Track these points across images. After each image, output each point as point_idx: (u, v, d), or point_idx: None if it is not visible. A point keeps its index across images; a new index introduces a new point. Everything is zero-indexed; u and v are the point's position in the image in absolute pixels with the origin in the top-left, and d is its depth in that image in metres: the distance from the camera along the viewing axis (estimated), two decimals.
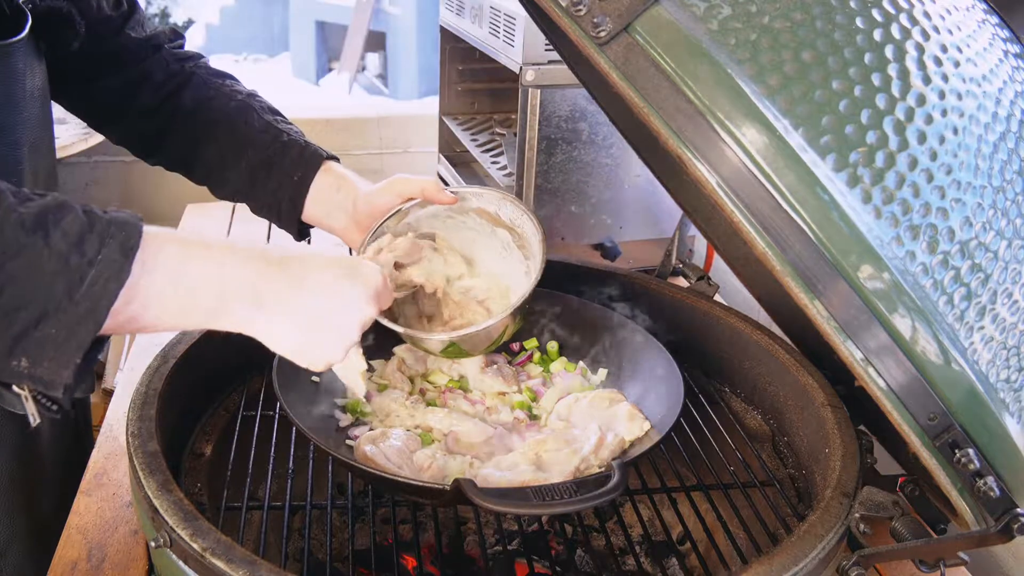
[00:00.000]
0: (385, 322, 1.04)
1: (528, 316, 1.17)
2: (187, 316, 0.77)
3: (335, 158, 1.17)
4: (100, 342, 0.72)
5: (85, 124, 1.22)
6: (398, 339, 1.29)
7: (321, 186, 1.14)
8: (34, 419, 0.72)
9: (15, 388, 0.71)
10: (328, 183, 1.14)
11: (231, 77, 1.20)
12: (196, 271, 0.76)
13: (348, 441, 1.10)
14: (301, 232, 1.19)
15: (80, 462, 1.16)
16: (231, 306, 0.78)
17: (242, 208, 1.21)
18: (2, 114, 0.93)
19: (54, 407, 0.72)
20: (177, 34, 1.21)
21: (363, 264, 0.89)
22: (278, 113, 1.18)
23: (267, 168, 1.14)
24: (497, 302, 1.15)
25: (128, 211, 0.74)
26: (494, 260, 1.17)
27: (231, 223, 2.09)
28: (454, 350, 1.08)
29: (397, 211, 1.13)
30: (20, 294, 0.67)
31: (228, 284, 0.78)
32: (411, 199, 1.12)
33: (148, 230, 0.73)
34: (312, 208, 1.15)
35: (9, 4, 0.94)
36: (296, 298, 0.81)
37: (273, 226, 1.20)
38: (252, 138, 1.14)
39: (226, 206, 2.13)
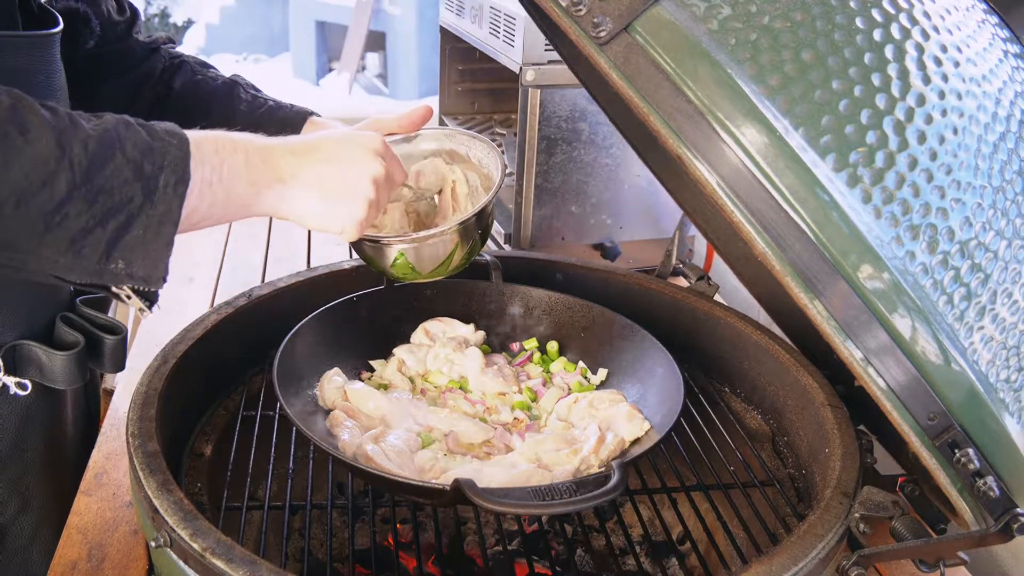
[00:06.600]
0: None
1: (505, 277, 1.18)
2: (232, 205, 0.85)
3: (318, 115, 1.24)
4: None
5: None
6: (398, 341, 1.29)
7: None
8: (143, 313, 0.82)
9: (114, 289, 0.79)
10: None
11: (213, 67, 1.31)
12: (229, 162, 0.84)
13: (343, 437, 1.09)
14: None
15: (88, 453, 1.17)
16: (262, 191, 0.87)
17: None
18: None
19: (148, 302, 0.82)
20: (171, 40, 1.31)
21: (359, 131, 0.99)
22: (259, 90, 1.27)
23: (256, 133, 1.20)
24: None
25: (168, 122, 0.82)
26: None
27: (229, 224, 2.09)
28: (403, 263, 1.10)
29: None
30: (108, 203, 0.74)
31: (254, 171, 0.86)
32: (392, 134, 1.17)
33: (190, 134, 0.81)
34: None
35: (36, 3, 0.99)
36: (310, 169, 0.90)
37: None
38: (240, 109, 1.22)
39: None
